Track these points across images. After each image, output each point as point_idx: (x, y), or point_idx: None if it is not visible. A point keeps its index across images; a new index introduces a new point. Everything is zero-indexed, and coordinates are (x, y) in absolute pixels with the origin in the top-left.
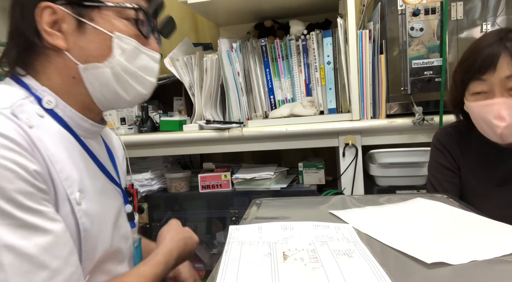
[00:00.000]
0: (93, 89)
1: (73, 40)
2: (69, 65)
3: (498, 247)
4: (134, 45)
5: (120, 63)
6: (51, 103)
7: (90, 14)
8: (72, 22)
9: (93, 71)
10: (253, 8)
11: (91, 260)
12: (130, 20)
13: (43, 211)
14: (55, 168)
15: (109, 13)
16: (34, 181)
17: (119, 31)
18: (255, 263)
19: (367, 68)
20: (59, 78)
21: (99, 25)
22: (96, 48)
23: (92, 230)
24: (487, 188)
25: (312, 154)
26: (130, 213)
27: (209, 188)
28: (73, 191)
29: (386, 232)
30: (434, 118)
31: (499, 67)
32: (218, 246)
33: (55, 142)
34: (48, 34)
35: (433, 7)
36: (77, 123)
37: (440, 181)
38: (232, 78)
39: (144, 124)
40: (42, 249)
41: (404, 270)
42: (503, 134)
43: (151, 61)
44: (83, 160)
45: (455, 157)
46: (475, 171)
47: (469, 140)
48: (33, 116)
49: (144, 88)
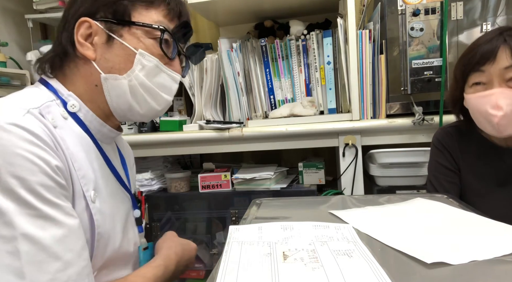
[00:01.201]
0: (110, 98)
1: (101, 52)
2: (94, 74)
3: (498, 247)
4: (155, 63)
5: (138, 77)
6: (75, 107)
7: (120, 31)
8: (103, 36)
9: (112, 81)
10: (253, 8)
11: (101, 257)
12: (156, 40)
13: (61, 205)
14: (74, 166)
15: (137, 31)
16: (55, 176)
17: (144, 49)
18: (255, 263)
19: (367, 68)
20: (84, 85)
21: (126, 41)
22: (120, 61)
23: (105, 228)
24: (487, 188)
25: (312, 154)
26: (138, 218)
27: (209, 188)
28: (88, 189)
29: (386, 232)
30: (434, 118)
31: (498, 58)
32: (218, 246)
33: (75, 143)
34: (80, 44)
35: (433, 7)
36: (96, 127)
37: (441, 181)
38: (232, 78)
39: (144, 124)
40: (57, 240)
41: (404, 270)
42: (499, 123)
43: (170, 80)
44: (98, 162)
45: (455, 157)
46: (475, 171)
47: (469, 140)
48: (58, 117)
49: (158, 105)
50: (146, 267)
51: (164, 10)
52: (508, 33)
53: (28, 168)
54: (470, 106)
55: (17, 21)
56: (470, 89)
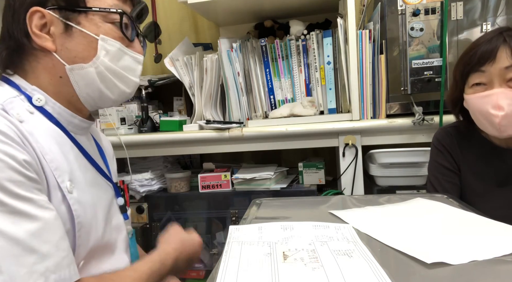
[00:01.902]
0: (79, 89)
1: (60, 42)
2: (57, 65)
3: (498, 247)
4: (118, 46)
5: (104, 63)
6: (41, 101)
7: (77, 18)
8: (60, 26)
9: (78, 71)
10: (253, 8)
11: (85, 246)
12: (115, 23)
13: (33, 199)
14: (45, 159)
15: (95, 17)
16: (24, 170)
17: (104, 34)
18: (255, 263)
19: (367, 68)
20: (47, 78)
21: (85, 28)
22: (82, 49)
23: (85, 217)
24: (488, 188)
25: (312, 154)
26: (122, 206)
27: (209, 188)
28: (63, 180)
29: (386, 232)
30: (434, 118)
31: (498, 58)
32: (218, 246)
33: (45, 136)
34: (37, 36)
35: (433, 7)
36: (67, 119)
37: (440, 182)
38: (232, 78)
39: (144, 124)
40: (31, 234)
41: (404, 270)
42: (500, 124)
43: (134, 62)
44: (73, 154)
45: (455, 157)
46: (475, 171)
47: (469, 140)
48: (23, 113)
49: (128, 87)
50: (141, 261)
51: None
52: (508, 33)
53: None
54: (471, 107)
55: None
56: (470, 90)
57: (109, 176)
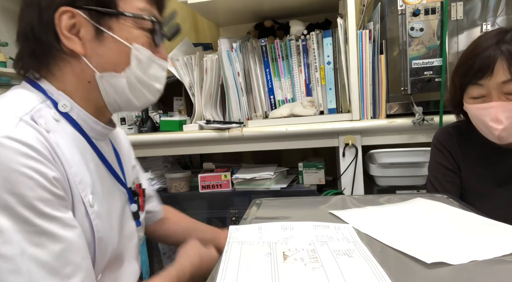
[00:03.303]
0: (107, 96)
1: (91, 47)
2: (85, 70)
3: (498, 247)
4: (149, 55)
5: (136, 73)
6: (67, 107)
7: (108, 23)
8: (90, 29)
9: (109, 79)
10: (253, 8)
11: (103, 260)
12: (145, 30)
13: (60, 218)
14: (71, 172)
15: (126, 22)
16: (53, 188)
17: (136, 41)
18: (255, 263)
19: (367, 68)
20: (75, 82)
21: (117, 34)
22: (114, 56)
23: (104, 231)
24: (488, 188)
25: (312, 154)
26: (135, 212)
27: (209, 188)
28: (86, 194)
29: (386, 232)
30: (434, 118)
31: (496, 72)
32: None
33: (70, 146)
34: (66, 38)
35: (433, 7)
36: (90, 125)
37: (441, 181)
38: (232, 78)
39: (144, 124)
40: (55, 255)
41: (404, 270)
42: (500, 136)
43: (161, 69)
44: (94, 162)
45: (455, 157)
46: (475, 171)
47: (469, 140)
48: (50, 121)
49: (153, 95)
50: (158, 276)
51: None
52: (504, 40)
53: (25, 184)
54: (471, 114)
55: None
56: (470, 100)
57: (124, 181)
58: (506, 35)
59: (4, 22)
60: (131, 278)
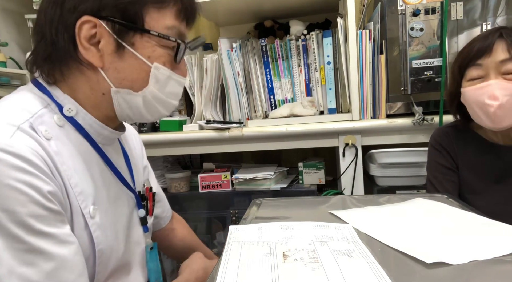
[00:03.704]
0: (120, 109)
1: (109, 60)
2: (101, 82)
3: (498, 247)
4: (168, 74)
5: (153, 92)
6: (72, 111)
7: (131, 39)
8: (111, 42)
9: (125, 95)
10: (253, 8)
11: (105, 271)
12: (168, 48)
13: (54, 234)
14: (70, 183)
15: (151, 40)
16: (47, 203)
17: (157, 60)
18: (255, 263)
19: (367, 68)
20: (89, 92)
21: (139, 51)
22: (132, 73)
23: (106, 242)
24: (485, 185)
25: (312, 154)
26: (143, 218)
27: (209, 188)
28: (87, 205)
29: (386, 232)
30: (434, 118)
31: (495, 51)
32: (218, 246)
33: (73, 153)
34: (84, 48)
35: (433, 7)
36: (97, 130)
37: (441, 181)
38: (232, 78)
39: (144, 124)
40: (46, 275)
41: (404, 270)
42: (495, 114)
43: (178, 86)
44: (99, 169)
45: (453, 156)
46: (472, 168)
47: (466, 139)
48: (52, 127)
49: (167, 111)
50: None
51: (175, 10)
52: (505, 31)
53: (18, 199)
54: (467, 99)
55: (17, 21)
56: (467, 83)
57: (132, 187)
58: (506, 29)
59: (4, 22)
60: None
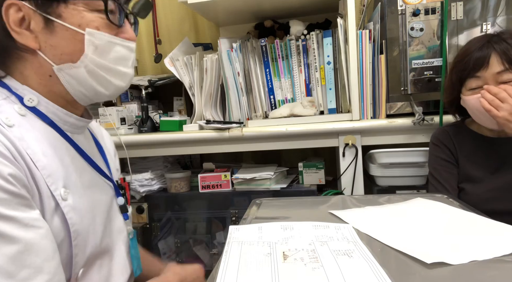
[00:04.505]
0: (71, 88)
1: (43, 39)
2: (44, 64)
3: (498, 247)
4: (107, 39)
5: (94, 60)
6: (33, 101)
7: (57, 11)
8: (40, 20)
9: (68, 71)
10: (253, 8)
11: (83, 254)
12: (100, 11)
13: (17, 217)
14: (37, 166)
15: (76, 6)
16: (8, 185)
17: (90, 26)
18: (255, 263)
19: (367, 68)
20: (37, 78)
21: (67, 21)
22: (67, 45)
23: (82, 224)
24: (483, 175)
25: (312, 154)
26: (122, 206)
27: (209, 188)
28: (57, 187)
29: (386, 232)
30: (434, 118)
31: (491, 64)
32: (218, 246)
33: (39, 139)
34: (17, 33)
35: (433, 7)
36: (62, 118)
37: (440, 172)
38: (232, 78)
39: (144, 124)
40: (9, 258)
41: (404, 270)
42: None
43: (127, 51)
44: (69, 155)
45: (452, 151)
46: (471, 161)
47: (463, 135)
48: (13, 116)
49: (122, 81)
50: None
51: None
52: (494, 40)
53: None
54: (469, 106)
55: None
56: (468, 92)
57: (109, 175)
58: (493, 37)
59: None
60: (123, 273)
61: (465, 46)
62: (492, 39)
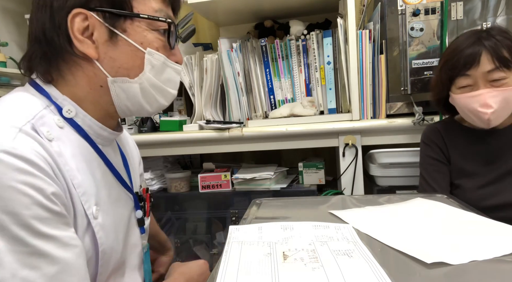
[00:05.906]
0: (119, 101)
1: (104, 50)
2: (98, 74)
3: (498, 247)
4: (163, 60)
5: (149, 79)
6: (71, 112)
7: (123, 25)
8: (104, 32)
9: (121, 84)
10: (253, 8)
11: (106, 272)
12: (160, 32)
13: (57, 237)
14: (73, 184)
15: (141, 24)
16: (51, 205)
17: (150, 45)
18: (255, 263)
19: (367, 68)
20: (87, 86)
21: (131, 37)
22: (127, 60)
23: (107, 242)
24: (476, 169)
25: (312, 154)
26: (140, 219)
27: (209, 188)
28: (90, 206)
29: (386, 232)
30: (434, 118)
31: (481, 63)
32: (218, 246)
33: (74, 154)
34: (79, 41)
35: (433, 7)
36: (96, 131)
37: (429, 171)
38: (232, 78)
39: (144, 124)
40: (49, 278)
41: (404, 270)
42: (490, 119)
43: (175, 74)
44: (100, 170)
45: (443, 149)
46: (464, 156)
47: (455, 131)
48: (53, 128)
49: (166, 100)
50: None
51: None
52: (484, 37)
53: (21, 202)
54: (459, 105)
55: (17, 21)
56: (458, 90)
57: (130, 187)
58: (482, 34)
59: (4, 22)
60: None
61: (454, 43)
62: (481, 36)
